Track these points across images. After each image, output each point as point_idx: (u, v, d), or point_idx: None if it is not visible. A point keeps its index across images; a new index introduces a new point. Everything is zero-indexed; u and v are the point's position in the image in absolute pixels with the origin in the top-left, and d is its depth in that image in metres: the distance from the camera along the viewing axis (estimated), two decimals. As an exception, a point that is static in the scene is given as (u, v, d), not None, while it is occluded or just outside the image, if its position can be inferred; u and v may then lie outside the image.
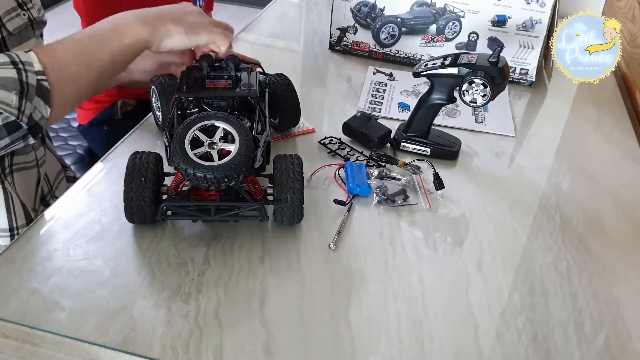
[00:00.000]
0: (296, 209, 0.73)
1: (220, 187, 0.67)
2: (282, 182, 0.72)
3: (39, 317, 0.63)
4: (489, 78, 0.87)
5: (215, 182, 0.66)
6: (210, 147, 0.68)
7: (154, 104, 0.95)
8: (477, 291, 0.71)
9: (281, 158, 0.75)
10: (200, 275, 0.69)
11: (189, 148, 0.67)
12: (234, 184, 0.68)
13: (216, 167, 0.66)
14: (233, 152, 0.67)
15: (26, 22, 0.86)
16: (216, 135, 0.69)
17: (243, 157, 0.67)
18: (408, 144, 0.97)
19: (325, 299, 0.68)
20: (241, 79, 0.81)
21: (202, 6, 1.49)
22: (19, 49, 0.82)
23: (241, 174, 0.67)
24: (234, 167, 0.66)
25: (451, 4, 1.21)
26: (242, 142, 0.68)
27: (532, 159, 1.01)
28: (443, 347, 0.64)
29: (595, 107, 1.20)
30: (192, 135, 0.68)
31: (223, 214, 0.71)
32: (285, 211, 0.73)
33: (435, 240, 0.79)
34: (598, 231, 0.84)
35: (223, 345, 0.61)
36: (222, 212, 0.71)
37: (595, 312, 0.70)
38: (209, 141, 0.68)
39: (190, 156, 0.66)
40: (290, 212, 0.73)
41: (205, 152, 0.68)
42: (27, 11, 0.86)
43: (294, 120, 0.98)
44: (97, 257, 0.71)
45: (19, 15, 0.85)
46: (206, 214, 0.71)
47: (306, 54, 1.35)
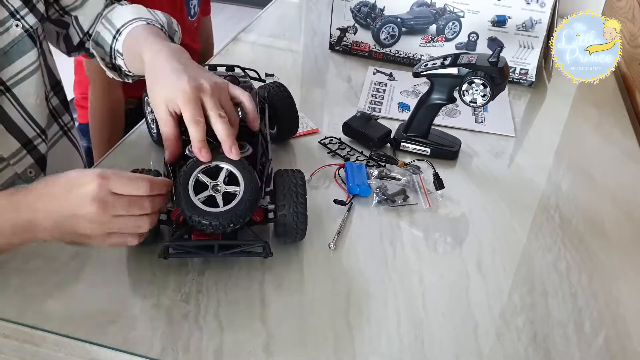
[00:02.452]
0: (299, 229, 0.71)
1: (226, 231, 0.66)
2: (284, 202, 0.70)
3: (39, 317, 0.63)
4: (489, 78, 0.87)
5: (220, 228, 0.64)
6: (214, 191, 0.66)
7: (148, 116, 0.92)
8: (477, 291, 0.71)
9: (282, 174, 0.72)
10: (200, 275, 0.69)
11: (192, 194, 0.65)
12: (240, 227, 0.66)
13: (221, 213, 0.64)
14: (238, 196, 0.65)
15: (21, 33, 0.78)
16: (220, 177, 0.67)
17: (249, 202, 0.65)
18: (408, 144, 0.97)
19: (325, 299, 0.68)
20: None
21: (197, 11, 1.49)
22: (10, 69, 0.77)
23: (247, 217, 0.65)
24: (239, 212, 0.64)
25: (451, 4, 1.21)
26: (247, 185, 0.66)
27: (532, 159, 1.01)
28: (443, 347, 0.64)
29: (595, 107, 1.20)
30: (196, 178, 0.66)
31: (227, 251, 0.68)
32: (288, 231, 0.71)
33: (435, 240, 0.79)
34: (598, 231, 0.84)
35: (223, 345, 0.61)
36: (225, 249, 0.68)
37: (595, 312, 0.70)
38: (213, 184, 0.66)
39: (194, 202, 0.64)
40: (293, 232, 0.71)
41: (209, 195, 0.66)
42: (20, 20, 0.78)
43: (292, 131, 0.96)
44: (96, 256, 0.71)
45: (10, 29, 0.77)
46: (209, 251, 0.68)
47: (306, 54, 1.35)
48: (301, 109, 0.97)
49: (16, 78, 0.79)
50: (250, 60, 1.26)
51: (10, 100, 0.79)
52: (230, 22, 1.75)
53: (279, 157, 0.93)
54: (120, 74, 0.88)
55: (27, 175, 0.82)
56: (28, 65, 0.80)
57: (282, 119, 0.92)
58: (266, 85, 0.92)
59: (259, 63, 0.88)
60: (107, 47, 0.86)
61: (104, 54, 0.87)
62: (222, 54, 1.29)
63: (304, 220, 0.71)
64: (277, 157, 0.92)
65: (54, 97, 0.90)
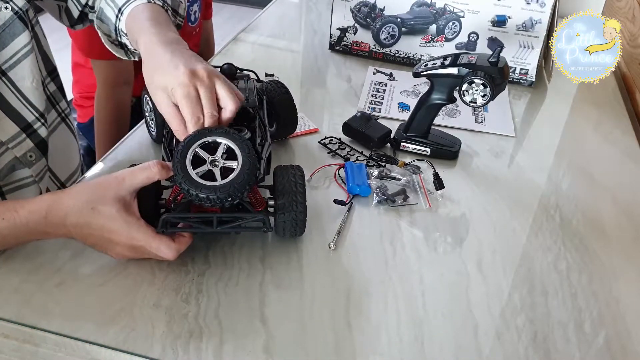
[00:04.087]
0: (299, 222, 0.72)
1: (224, 205, 0.66)
2: (283, 194, 0.70)
3: (39, 317, 0.63)
4: (489, 78, 0.87)
5: (218, 202, 0.64)
6: (212, 165, 0.66)
7: (146, 114, 0.92)
8: (477, 291, 0.71)
9: (282, 169, 0.73)
10: (200, 275, 0.69)
11: (190, 168, 0.65)
12: (238, 201, 0.66)
13: (219, 187, 0.64)
14: (236, 170, 0.65)
15: (11, 16, 0.78)
16: (218, 152, 0.67)
17: (246, 175, 0.65)
18: (408, 144, 0.97)
19: (325, 299, 0.68)
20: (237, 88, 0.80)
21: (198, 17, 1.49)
22: (4, 52, 0.78)
23: (245, 191, 0.65)
24: (237, 186, 0.64)
25: (451, 4, 1.21)
26: (244, 159, 0.66)
27: (532, 159, 1.01)
28: (443, 347, 0.64)
29: (595, 107, 1.20)
30: (194, 153, 0.66)
31: (225, 225, 0.69)
32: (287, 224, 0.71)
33: (435, 240, 0.79)
34: (598, 231, 0.84)
35: (223, 345, 0.61)
36: (224, 223, 0.69)
37: (595, 312, 0.70)
38: (211, 159, 0.66)
39: (192, 176, 0.64)
40: (293, 225, 0.72)
41: (207, 170, 0.66)
42: (9, 2, 0.77)
43: (291, 128, 0.96)
44: (97, 256, 0.71)
45: (0, 12, 0.77)
46: (208, 225, 0.68)
47: (306, 54, 1.35)
48: (301, 109, 0.97)
49: (10, 62, 0.79)
50: (250, 60, 1.26)
51: (7, 84, 0.79)
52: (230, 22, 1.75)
53: (279, 157, 0.93)
54: (126, 53, 0.89)
55: (27, 159, 0.82)
56: (21, 48, 0.79)
57: (280, 115, 0.92)
58: (264, 83, 0.92)
59: (259, 63, 0.88)
60: (112, 26, 0.86)
61: (109, 31, 0.87)
62: (222, 53, 1.29)
63: (304, 212, 0.71)
64: (277, 156, 0.92)
65: (50, 82, 0.90)
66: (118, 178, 0.67)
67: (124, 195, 0.67)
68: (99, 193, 0.67)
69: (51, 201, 0.67)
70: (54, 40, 0.95)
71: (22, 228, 0.66)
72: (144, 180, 0.67)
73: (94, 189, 0.67)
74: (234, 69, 0.80)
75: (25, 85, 0.81)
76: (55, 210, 0.66)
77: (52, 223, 0.66)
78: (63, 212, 0.66)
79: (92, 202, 0.66)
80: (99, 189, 0.67)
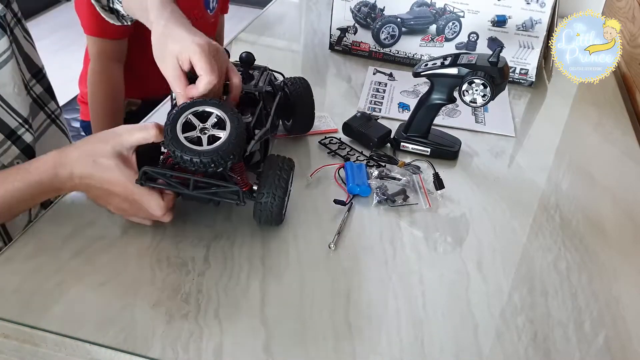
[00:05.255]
0: (274, 214, 0.73)
1: (207, 171, 0.67)
2: (265, 184, 0.72)
3: (39, 317, 0.63)
4: (488, 78, 0.87)
5: (201, 166, 0.66)
6: (201, 132, 0.68)
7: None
8: (477, 291, 0.71)
9: (272, 159, 0.74)
10: (200, 275, 0.69)
11: (180, 131, 0.67)
12: (222, 170, 0.68)
13: (204, 151, 0.66)
14: (222, 138, 0.67)
15: None
16: (209, 121, 0.69)
17: (232, 144, 0.67)
18: (408, 144, 0.97)
19: (325, 299, 0.68)
20: (253, 77, 0.82)
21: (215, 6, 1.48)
22: None
23: (229, 160, 0.67)
24: (222, 153, 0.66)
25: (451, 4, 1.21)
26: (232, 129, 0.68)
27: (532, 159, 1.01)
28: (443, 347, 0.64)
29: (595, 107, 1.20)
30: (186, 119, 0.68)
31: (202, 190, 0.70)
32: (263, 213, 0.73)
33: (435, 240, 0.79)
34: (598, 231, 0.84)
35: (223, 345, 0.61)
36: (201, 189, 0.70)
37: (595, 312, 0.70)
38: (201, 126, 0.69)
39: (180, 139, 0.67)
40: (268, 215, 0.73)
41: (196, 137, 0.68)
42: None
43: (307, 125, 0.97)
44: (97, 256, 0.71)
45: None
46: (185, 187, 0.70)
47: (306, 54, 1.35)
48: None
49: None
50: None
51: None
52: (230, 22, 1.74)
53: (280, 153, 0.92)
54: (117, 18, 0.89)
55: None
56: (0, 54, 0.78)
57: (296, 110, 0.93)
58: (290, 79, 0.94)
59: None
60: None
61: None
62: (222, 54, 1.29)
63: (280, 205, 0.73)
64: (278, 152, 0.92)
65: (36, 85, 0.89)
66: (116, 133, 0.71)
67: (121, 150, 0.70)
68: (99, 146, 0.70)
69: (58, 156, 0.71)
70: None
71: (37, 186, 0.70)
72: (140, 140, 0.70)
73: (95, 143, 0.71)
74: (252, 57, 0.82)
75: (6, 92, 0.80)
76: (63, 165, 0.70)
77: (62, 176, 0.70)
78: (69, 164, 0.70)
79: (94, 154, 0.70)
80: (99, 143, 0.71)
